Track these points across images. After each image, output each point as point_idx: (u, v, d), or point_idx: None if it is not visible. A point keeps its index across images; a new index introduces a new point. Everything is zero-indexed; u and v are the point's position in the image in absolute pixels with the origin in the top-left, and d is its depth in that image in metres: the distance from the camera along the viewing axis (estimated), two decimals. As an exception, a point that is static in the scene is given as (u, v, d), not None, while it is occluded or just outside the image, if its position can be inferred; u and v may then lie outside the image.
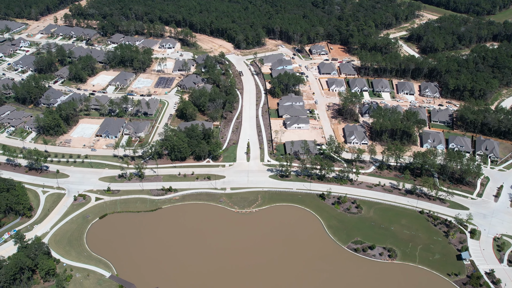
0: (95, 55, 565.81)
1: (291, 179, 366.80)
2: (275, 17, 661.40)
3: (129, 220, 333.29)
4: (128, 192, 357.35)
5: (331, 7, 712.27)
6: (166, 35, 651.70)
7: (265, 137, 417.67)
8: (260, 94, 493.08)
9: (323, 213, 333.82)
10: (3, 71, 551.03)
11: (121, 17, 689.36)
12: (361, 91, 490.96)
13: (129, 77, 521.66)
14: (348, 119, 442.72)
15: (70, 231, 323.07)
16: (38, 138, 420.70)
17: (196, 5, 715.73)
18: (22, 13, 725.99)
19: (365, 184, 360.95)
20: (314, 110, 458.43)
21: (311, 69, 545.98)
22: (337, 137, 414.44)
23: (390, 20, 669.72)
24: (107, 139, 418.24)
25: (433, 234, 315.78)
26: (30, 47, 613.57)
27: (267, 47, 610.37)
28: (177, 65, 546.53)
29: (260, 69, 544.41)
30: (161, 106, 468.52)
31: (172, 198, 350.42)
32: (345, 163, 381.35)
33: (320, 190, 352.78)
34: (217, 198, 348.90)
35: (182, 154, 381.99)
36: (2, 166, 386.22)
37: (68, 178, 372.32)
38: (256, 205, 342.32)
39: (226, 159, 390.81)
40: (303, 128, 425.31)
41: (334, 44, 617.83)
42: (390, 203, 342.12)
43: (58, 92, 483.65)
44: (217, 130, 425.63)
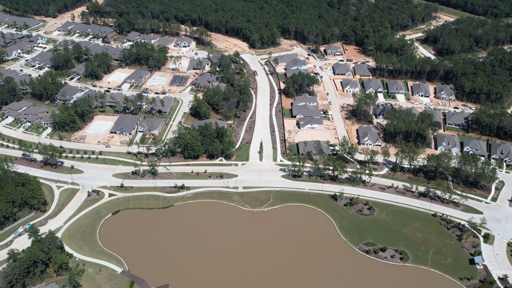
0: (111, 52, 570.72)
1: (304, 179, 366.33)
2: (291, 17, 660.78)
3: (141, 217, 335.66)
4: (141, 189, 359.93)
5: (347, 7, 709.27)
6: (182, 33, 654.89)
7: (278, 137, 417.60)
8: (274, 94, 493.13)
9: (335, 214, 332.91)
10: (20, 67, 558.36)
11: (137, 15, 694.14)
12: (376, 92, 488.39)
13: (144, 75, 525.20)
14: (362, 120, 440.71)
15: (83, 226, 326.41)
16: (53, 133, 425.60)
17: (212, 4, 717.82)
18: (40, 10, 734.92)
19: (378, 185, 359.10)
20: (328, 110, 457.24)
21: (326, 69, 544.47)
22: (350, 138, 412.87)
23: (406, 21, 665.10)
24: (121, 136, 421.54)
25: (446, 237, 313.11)
26: (48, 44, 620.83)
27: (282, 47, 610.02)
28: (192, 63, 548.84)
29: (274, 69, 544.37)
30: (175, 104, 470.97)
31: (184, 195, 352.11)
32: (358, 164, 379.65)
33: (332, 191, 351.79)
34: (229, 197, 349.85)
35: (195, 152, 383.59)
36: (18, 161, 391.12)
37: (82, 174, 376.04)
38: (268, 204, 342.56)
39: (239, 158, 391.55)
40: (316, 129, 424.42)
41: (349, 45, 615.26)
42: (403, 205, 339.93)
43: (74, 89, 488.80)
44: (231, 129, 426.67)
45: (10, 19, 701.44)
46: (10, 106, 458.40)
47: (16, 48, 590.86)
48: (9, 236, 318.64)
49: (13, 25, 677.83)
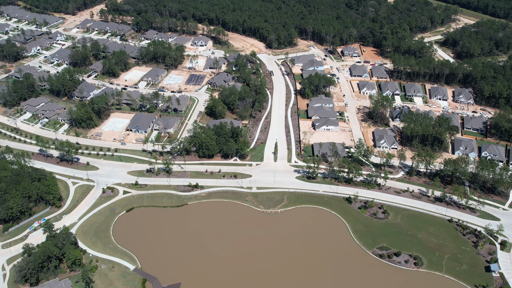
0: (128, 50, 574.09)
1: (318, 181, 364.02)
2: (308, 17, 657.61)
3: (155, 215, 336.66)
4: (155, 187, 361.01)
5: (365, 8, 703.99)
6: (199, 32, 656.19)
7: (293, 138, 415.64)
8: (290, 95, 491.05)
9: (349, 217, 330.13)
10: (39, 63, 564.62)
11: (155, 13, 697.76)
12: (393, 94, 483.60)
13: (160, 73, 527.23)
14: (378, 122, 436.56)
15: (97, 222, 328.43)
16: (70, 130, 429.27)
17: (229, 4, 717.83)
18: (60, 7, 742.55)
19: (393, 189, 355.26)
20: (344, 112, 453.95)
21: (343, 71, 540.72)
22: (366, 140, 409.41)
23: (425, 23, 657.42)
24: (137, 133, 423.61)
25: (462, 243, 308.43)
26: (66, 41, 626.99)
27: (299, 48, 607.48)
28: (208, 63, 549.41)
29: (291, 69, 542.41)
30: (191, 103, 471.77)
31: (198, 194, 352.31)
32: (374, 167, 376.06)
33: (347, 194, 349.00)
34: (243, 197, 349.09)
35: (210, 151, 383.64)
36: (34, 156, 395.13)
37: (97, 171, 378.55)
38: (281, 205, 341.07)
39: (253, 158, 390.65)
40: (332, 130, 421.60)
41: (367, 46, 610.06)
42: (418, 210, 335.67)
43: (91, 86, 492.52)
44: (246, 129, 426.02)
45: (31, 16, 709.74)
46: (28, 102, 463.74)
47: (35, 45, 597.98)
48: (24, 230, 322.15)
49: (33, 22, 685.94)
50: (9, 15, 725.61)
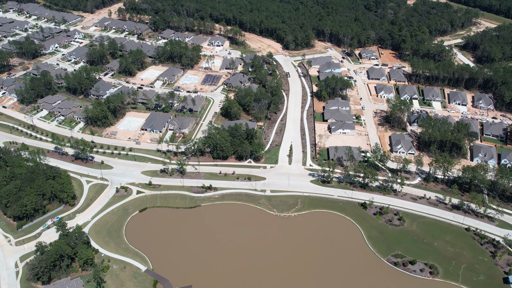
0: (145, 49, 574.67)
1: (333, 186, 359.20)
2: (326, 19, 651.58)
3: (168, 216, 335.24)
4: (169, 187, 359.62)
5: (384, 10, 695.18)
6: (216, 32, 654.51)
7: (309, 141, 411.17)
8: (306, 97, 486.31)
9: (363, 223, 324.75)
10: (57, 61, 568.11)
11: (172, 13, 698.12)
12: (411, 98, 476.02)
13: (176, 73, 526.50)
14: (395, 127, 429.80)
15: (110, 222, 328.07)
16: (85, 128, 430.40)
17: (247, 4, 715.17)
18: (78, 5, 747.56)
19: (410, 195, 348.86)
20: (360, 116, 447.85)
21: (360, 73, 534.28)
22: (383, 145, 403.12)
23: (445, 26, 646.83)
24: (151, 133, 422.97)
25: (479, 253, 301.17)
26: (84, 39, 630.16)
27: (316, 49, 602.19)
28: (224, 63, 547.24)
29: (307, 71, 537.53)
30: (206, 103, 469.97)
31: (211, 196, 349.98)
32: (390, 172, 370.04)
33: (362, 199, 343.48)
34: (256, 200, 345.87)
35: (224, 153, 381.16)
36: (50, 154, 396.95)
37: (111, 170, 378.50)
38: (295, 209, 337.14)
39: (268, 161, 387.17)
40: (348, 134, 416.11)
41: (385, 49, 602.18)
42: (434, 217, 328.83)
43: (107, 85, 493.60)
44: (261, 131, 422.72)
45: (50, 14, 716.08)
46: (45, 99, 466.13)
47: (53, 42, 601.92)
48: (38, 228, 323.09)
49: (52, 19, 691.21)
50: (29, 13, 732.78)
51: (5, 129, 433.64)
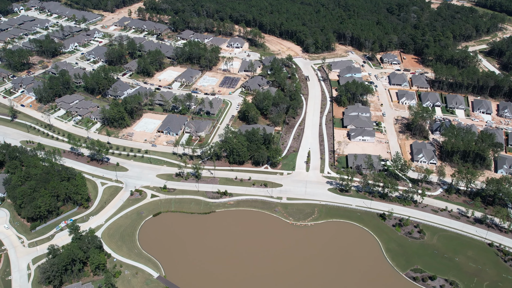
0: (164, 50, 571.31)
1: (351, 195, 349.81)
2: (347, 22, 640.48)
3: (182, 221, 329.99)
4: (184, 192, 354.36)
5: (407, 14, 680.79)
6: (235, 34, 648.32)
7: (327, 147, 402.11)
8: (326, 102, 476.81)
9: (382, 235, 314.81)
10: (76, 60, 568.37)
11: (192, 13, 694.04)
12: (433, 106, 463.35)
13: (195, 74, 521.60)
14: (417, 135, 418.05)
15: (123, 226, 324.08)
16: (102, 129, 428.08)
17: (267, 6, 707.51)
18: (99, 4, 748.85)
19: (430, 207, 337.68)
20: (381, 122, 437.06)
21: (381, 78, 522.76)
22: (403, 153, 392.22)
23: (470, 32, 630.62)
24: (168, 135, 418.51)
25: (503, 270, 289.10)
26: (103, 38, 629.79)
27: (336, 53, 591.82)
28: (243, 65, 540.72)
29: (327, 75, 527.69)
30: (224, 106, 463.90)
31: (226, 202, 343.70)
32: (410, 182, 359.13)
33: (381, 210, 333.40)
34: (272, 207, 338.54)
35: (241, 158, 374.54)
36: (66, 154, 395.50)
37: (127, 172, 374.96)
38: (312, 218, 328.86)
39: (285, 167, 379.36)
40: (367, 141, 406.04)
41: (407, 53, 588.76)
42: (456, 231, 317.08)
43: (125, 85, 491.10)
44: (278, 136, 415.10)
45: (70, 12, 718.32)
46: (63, 98, 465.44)
47: (73, 41, 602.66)
48: (51, 230, 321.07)
49: (73, 18, 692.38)
50: (50, 11, 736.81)
51: (23, 128, 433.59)
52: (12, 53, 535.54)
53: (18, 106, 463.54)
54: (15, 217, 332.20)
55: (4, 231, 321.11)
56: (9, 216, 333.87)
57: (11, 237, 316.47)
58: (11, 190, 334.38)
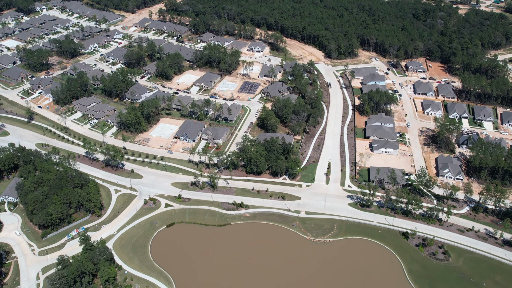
0: (183, 53, 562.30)
1: (373, 210, 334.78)
2: (371, 27, 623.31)
3: (196, 233, 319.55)
4: (199, 202, 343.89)
5: (434, 20, 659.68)
6: (256, 37, 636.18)
7: (348, 159, 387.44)
8: (347, 110, 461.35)
9: (404, 255, 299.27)
10: (95, 61, 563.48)
11: (213, 15, 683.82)
12: (460, 117, 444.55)
13: (214, 78, 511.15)
14: (442, 148, 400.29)
15: (136, 236, 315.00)
16: (118, 133, 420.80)
17: (290, 9, 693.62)
18: (120, 5, 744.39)
19: (456, 226, 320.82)
20: (405, 134, 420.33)
21: (406, 87, 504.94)
22: (428, 167, 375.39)
23: (499, 39, 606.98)
24: (184, 142, 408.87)
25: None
26: (123, 40, 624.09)
27: (360, 59, 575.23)
28: (263, 70, 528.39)
29: (350, 82, 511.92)
30: (242, 112, 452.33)
31: (242, 214, 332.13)
32: (435, 199, 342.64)
33: (403, 228, 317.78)
34: (289, 221, 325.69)
35: (258, 168, 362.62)
36: (80, 159, 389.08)
37: (141, 179, 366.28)
38: (331, 234, 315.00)
39: (304, 179, 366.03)
40: (391, 153, 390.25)
41: (433, 61, 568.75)
42: (483, 253, 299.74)
43: (143, 88, 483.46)
44: (298, 145, 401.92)
45: (91, 12, 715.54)
46: (80, 101, 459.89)
47: (93, 42, 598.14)
48: (62, 238, 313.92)
49: (93, 18, 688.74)
50: (71, 11, 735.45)
51: (39, 130, 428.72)
52: (31, 53, 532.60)
53: (35, 108, 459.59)
54: (27, 223, 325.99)
55: (15, 238, 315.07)
56: (20, 222, 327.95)
57: (22, 244, 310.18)
58: (24, 195, 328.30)
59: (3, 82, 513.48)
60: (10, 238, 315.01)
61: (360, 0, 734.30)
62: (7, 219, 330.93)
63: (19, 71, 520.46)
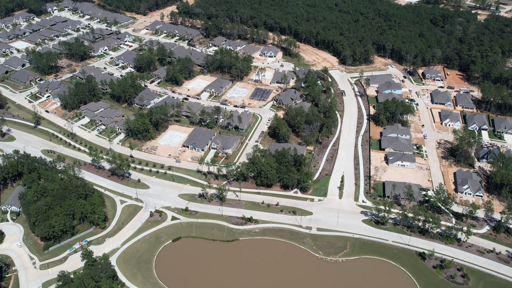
0: (194, 57, 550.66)
1: (388, 228, 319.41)
2: (388, 32, 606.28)
3: (202, 248, 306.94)
4: (206, 215, 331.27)
5: (452, 26, 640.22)
6: (269, 42, 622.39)
7: (363, 172, 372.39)
8: (362, 120, 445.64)
9: (421, 277, 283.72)
10: (105, 64, 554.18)
11: (225, 19, 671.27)
12: (480, 129, 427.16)
13: (225, 84, 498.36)
14: (461, 162, 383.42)
15: (140, 251, 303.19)
16: (126, 140, 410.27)
17: (304, 13, 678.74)
18: (132, 6, 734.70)
19: (476, 247, 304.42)
20: (422, 146, 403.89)
21: (423, 96, 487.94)
22: (446, 183, 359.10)
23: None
24: (193, 151, 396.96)
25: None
26: (134, 42, 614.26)
27: (375, 66, 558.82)
28: (276, 76, 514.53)
29: (365, 90, 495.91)
30: (253, 121, 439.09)
31: (251, 230, 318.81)
32: (454, 217, 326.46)
33: (420, 247, 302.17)
34: (300, 238, 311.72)
35: (269, 181, 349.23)
36: (86, 167, 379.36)
37: (147, 190, 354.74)
38: (343, 253, 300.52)
39: (316, 192, 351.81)
40: (407, 167, 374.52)
41: (451, 69, 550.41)
42: (505, 277, 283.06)
43: (152, 94, 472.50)
44: (310, 156, 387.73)
45: (103, 14, 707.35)
46: (87, 106, 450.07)
47: (103, 45, 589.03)
48: (65, 251, 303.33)
49: (104, 20, 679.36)
50: (83, 12, 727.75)
51: (45, 135, 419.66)
52: (40, 55, 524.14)
53: (42, 112, 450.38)
54: (29, 234, 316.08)
55: (17, 250, 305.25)
56: (23, 233, 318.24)
57: (23, 256, 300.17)
58: (26, 205, 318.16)
59: (11, 85, 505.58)
60: (11, 250, 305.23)
61: (376, 5, 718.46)
62: (9, 229, 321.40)
63: (27, 74, 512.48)
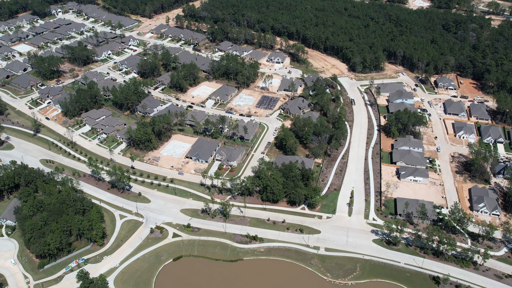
0: (199, 62, 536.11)
1: (399, 249, 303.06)
2: (399, 39, 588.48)
3: (205, 269, 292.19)
4: (209, 232, 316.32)
5: (465, 33, 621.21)
6: (276, 47, 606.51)
7: (373, 187, 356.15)
8: (372, 131, 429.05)
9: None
10: (108, 69, 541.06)
11: (232, 23, 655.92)
12: (495, 142, 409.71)
13: (230, 92, 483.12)
14: (476, 177, 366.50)
15: (139, 270, 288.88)
16: (127, 150, 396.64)
17: (312, 17, 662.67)
18: (137, 9, 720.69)
19: (493, 271, 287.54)
20: (435, 159, 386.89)
21: (435, 105, 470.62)
22: (461, 200, 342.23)
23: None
24: (196, 162, 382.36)
25: None
26: (138, 47, 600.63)
27: (386, 73, 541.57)
28: (283, 84, 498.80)
29: (375, 99, 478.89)
30: (259, 131, 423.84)
31: (256, 249, 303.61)
32: (469, 238, 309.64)
33: (434, 271, 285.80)
34: (307, 259, 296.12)
35: (275, 196, 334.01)
36: (86, 178, 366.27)
37: (148, 204, 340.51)
38: (353, 276, 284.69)
39: (324, 209, 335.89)
40: (420, 182, 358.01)
41: (465, 77, 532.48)
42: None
43: (155, 101, 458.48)
44: (318, 169, 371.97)
45: (107, 17, 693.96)
46: (89, 113, 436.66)
47: (106, 49, 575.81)
48: (60, 269, 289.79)
49: (109, 23, 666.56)
50: (87, 14, 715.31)
51: (44, 144, 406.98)
52: (42, 60, 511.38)
53: (42, 119, 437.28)
54: (24, 250, 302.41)
55: (11, 268, 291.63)
56: (17, 249, 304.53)
57: (17, 275, 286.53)
58: (22, 220, 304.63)
59: (12, 90, 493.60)
60: (5, 267, 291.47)
61: (386, 9, 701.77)
62: (4, 245, 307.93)
63: (28, 79, 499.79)
